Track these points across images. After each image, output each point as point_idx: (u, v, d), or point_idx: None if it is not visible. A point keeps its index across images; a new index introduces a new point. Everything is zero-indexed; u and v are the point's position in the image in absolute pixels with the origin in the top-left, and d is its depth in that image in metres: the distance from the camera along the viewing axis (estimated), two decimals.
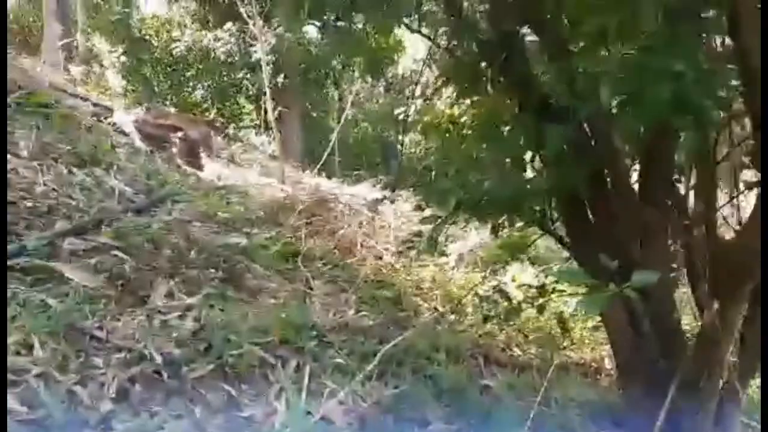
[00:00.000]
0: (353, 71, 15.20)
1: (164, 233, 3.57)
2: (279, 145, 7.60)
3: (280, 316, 3.11)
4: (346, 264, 4.24)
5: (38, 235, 2.88)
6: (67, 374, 2.12)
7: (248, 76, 12.96)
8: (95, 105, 5.94)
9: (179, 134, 5.86)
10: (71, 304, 2.49)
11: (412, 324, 3.68)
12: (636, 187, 2.77)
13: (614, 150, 2.67)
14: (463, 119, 3.63)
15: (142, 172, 4.65)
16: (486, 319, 3.44)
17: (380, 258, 4.58)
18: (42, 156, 3.91)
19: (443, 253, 3.62)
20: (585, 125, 2.73)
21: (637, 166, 2.84)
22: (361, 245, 4.60)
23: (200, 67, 12.81)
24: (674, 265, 3.13)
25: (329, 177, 7.92)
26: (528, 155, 2.96)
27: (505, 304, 3.51)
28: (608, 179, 2.76)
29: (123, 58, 12.18)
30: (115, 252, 3.09)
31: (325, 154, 7.34)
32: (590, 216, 2.94)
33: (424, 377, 3.14)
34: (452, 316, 4.12)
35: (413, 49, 16.88)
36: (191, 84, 13.41)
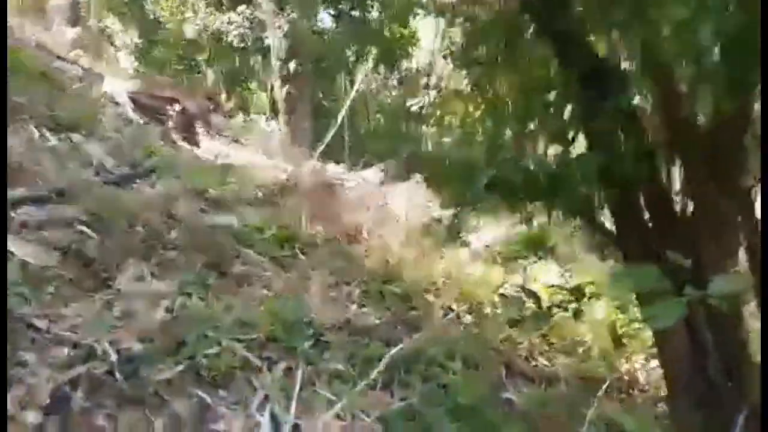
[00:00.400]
0: (366, 61, 15.01)
1: (143, 209, 3.10)
2: (284, 124, 7.11)
3: (270, 309, 2.63)
4: (350, 253, 3.75)
5: None
6: None
7: (260, 60, 12.76)
8: (86, 71, 5.48)
9: (176, 107, 5.39)
10: (9, 285, 2.01)
11: (423, 324, 3.20)
12: None
13: (689, 123, 2.16)
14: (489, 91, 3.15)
15: (128, 142, 4.18)
16: (513, 323, 2.95)
17: (388, 249, 4.09)
18: (11, 116, 3.44)
19: (465, 244, 3.17)
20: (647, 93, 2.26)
21: None
22: (368, 234, 4.12)
23: (212, 50, 12.60)
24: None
25: (338, 163, 7.42)
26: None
27: (533, 306, 3.03)
28: (676, 161, 2.28)
29: (135, 39, 11.93)
30: (80, 227, 2.63)
31: (330, 134, 6.79)
32: (644, 205, 2.46)
33: (437, 387, 2.67)
34: (468, 317, 3.64)
35: (427, 40, 16.52)
36: (203, 67, 13.20)
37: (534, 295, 3.03)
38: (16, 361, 1.75)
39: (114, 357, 1.96)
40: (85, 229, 2.62)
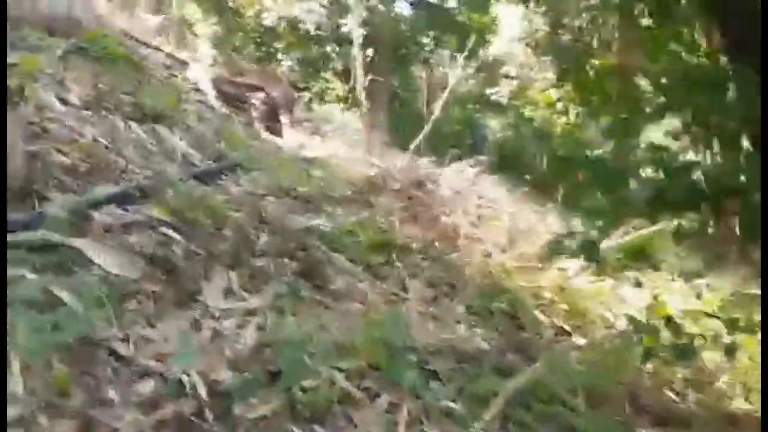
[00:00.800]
0: (443, 49, 14.77)
1: (229, 208, 2.84)
2: (367, 116, 6.80)
3: (371, 331, 2.29)
4: (449, 260, 3.37)
5: (65, 200, 2.19)
6: (58, 418, 1.39)
7: (337, 49, 12.74)
8: (170, 57, 5.33)
9: (260, 95, 5.16)
10: (90, 303, 1.75)
11: (535, 348, 2.80)
12: None
13: None
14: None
15: (213, 133, 3.96)
16: (647, 355, 2.51)
17: (488, 255, 3.69)
18: (96, 106, 3.26)
19: (601, 271, 2.71)
20: None
21: None
22: (466, 237, 3.73)
23: (290, 39, 12.72)
24: None
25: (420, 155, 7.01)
26: None
27: (671, 335, 2.57)
28: None
29: (215, 28, 12.14)
30: (164, 229, 2.37)
31: (421, 134, 6.34)
32: None
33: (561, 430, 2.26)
34: (581, 339, 3.20)
35: (506, 28, 16.01)
36: (280, 56, 13.29)
37: (674, 324, 2.58)
38: (98, 400, 1.48)
39: (204, 392, 1.67)
40: (170, 232, 2.36)
